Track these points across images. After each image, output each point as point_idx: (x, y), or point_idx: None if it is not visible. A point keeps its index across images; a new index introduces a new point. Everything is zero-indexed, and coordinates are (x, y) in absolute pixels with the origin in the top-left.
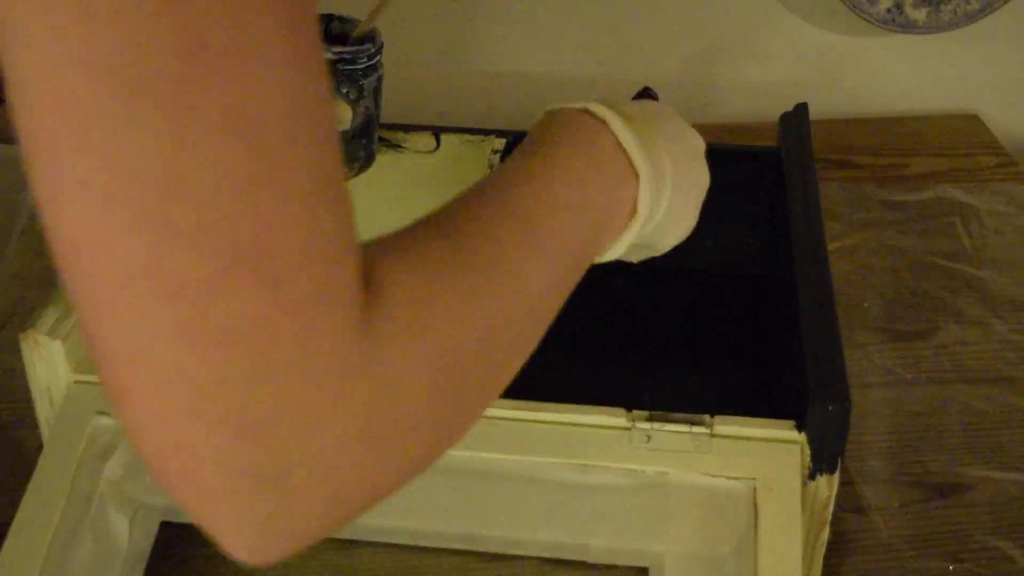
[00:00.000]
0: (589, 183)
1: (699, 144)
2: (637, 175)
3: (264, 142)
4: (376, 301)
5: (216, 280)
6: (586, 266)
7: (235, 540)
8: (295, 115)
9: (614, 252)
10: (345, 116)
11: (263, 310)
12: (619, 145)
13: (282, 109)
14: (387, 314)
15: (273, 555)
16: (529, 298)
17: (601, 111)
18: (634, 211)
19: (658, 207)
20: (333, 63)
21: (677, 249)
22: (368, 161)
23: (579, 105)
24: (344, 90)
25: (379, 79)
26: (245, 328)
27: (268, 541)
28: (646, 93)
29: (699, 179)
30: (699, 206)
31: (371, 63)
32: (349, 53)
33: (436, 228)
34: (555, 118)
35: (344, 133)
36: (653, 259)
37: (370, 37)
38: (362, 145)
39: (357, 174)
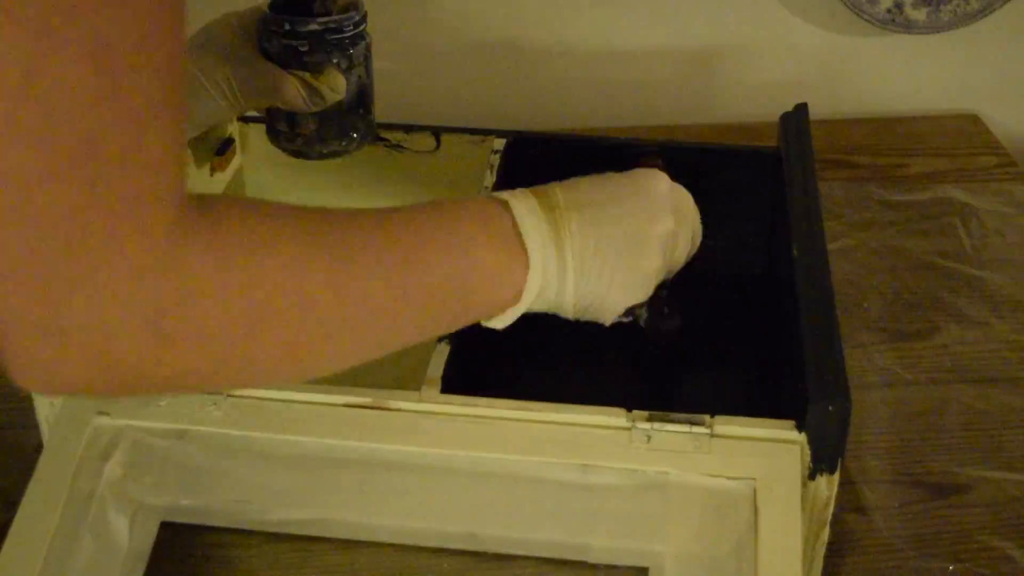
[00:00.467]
0: (466, 250)
1: (648, 229)
2: (528, 267)
3: (112, 65)
4: (205, 225)
5: (44, 173)
6: (452, 321)
7: (23, 373)
8: (143, 45)
9: (497, 323)
10: (340, 85)
11: (79, 202)
12: (517, 232)
13: (133, 40)
14: (208, 237)
15: (52, 392)
16: (356, 312)
17: (515, 201)
18: (517, 298)
19: (563, 298)
20: (320, 34)
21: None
22: (368, 132)
23: (499, 196)
24: (335, 60)
25: (367, 48)
26: (59, 214)
27: (48, 381)
28: (650, 159)
29: (633, 265)
30: (639, 286)
31: (357, 31)
32: (334, 23)
33: (299, 215)
34: (470, 200)
35: (339, 104)
36: None
37: (353, 5)
38: (360, 116)
39: (358, 147)
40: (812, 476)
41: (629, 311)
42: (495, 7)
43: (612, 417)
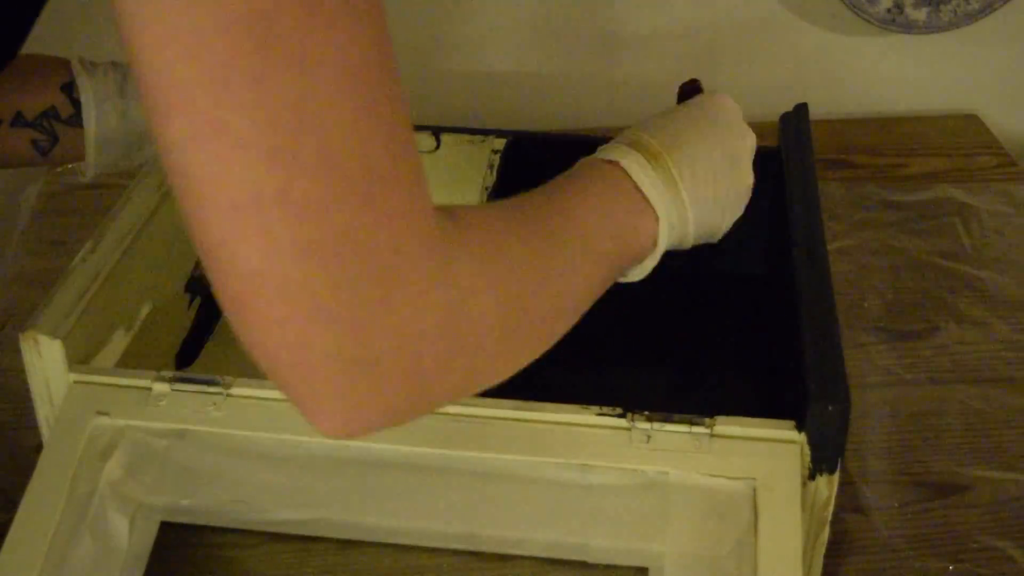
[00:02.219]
0: (610, 213)
1: (740, 146)
2: (657, 217)
3: (367, 85)
4: (456, 230)
5: (332, 201)
6: (610, 279)
7: (332, 416)
8: (383, 60)
9: (636, 275)
10: None
11: (366, 221)
12: (638, 189)
13: (374, 56)
14: (463, 240)
15: (362, 429)
16: (568, 280)
17: (628, 163)
18: (655, 243)
19: (686, 231)
20: None
21: (677, 249)
22: None
23: (606, 156)
24: None
25: None
26: (353, 239)
27: (360, 417)
28: (693, 87)
29: (734, 184)
30: (739, 203)
31: None
32: None
33: (500, 207)
34: (584, 166)
35: None
36: None
37: None
38: None
39: None
40: (812, 476)
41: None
42: (495, 7)
43: (612, 417)
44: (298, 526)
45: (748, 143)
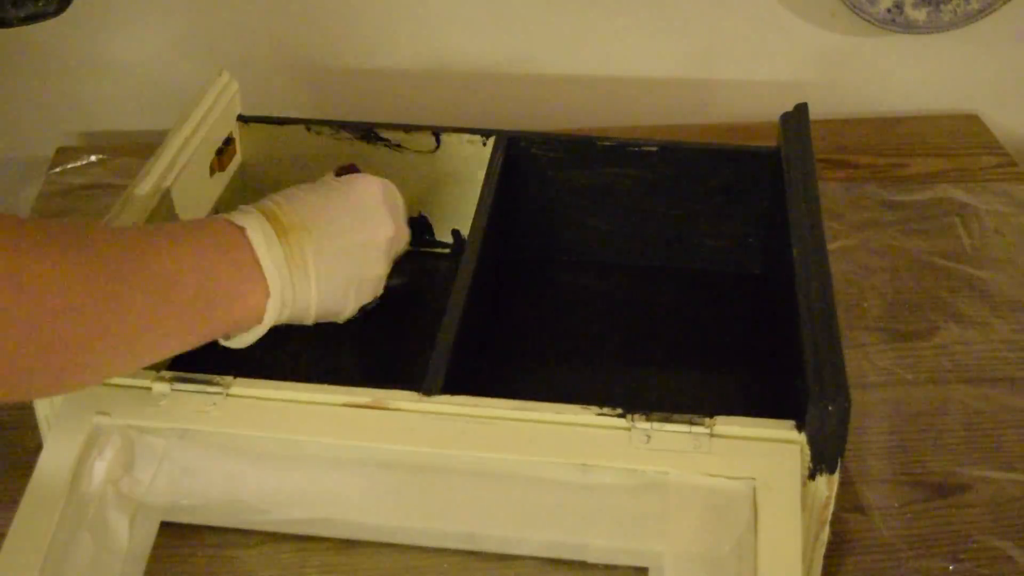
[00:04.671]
0: (212, 274)
1: (375, 234)
2: (269, 292)
3: None
4: None
5: None
6: (203, 335)
7: None
8: None
9: (238, 343)
10: None
11: None
12: (256, 260)
13: None
14: None
15: None
16: (119, 322)
17: (253, 234)
18: (259, 318)
19: (304, 310)
20: None
21: (677, 249)
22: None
23: (235, 220)
24: None
25: None
26: None
27: None
28: (349, 168)
29: (363, 270)
30: (367, 289)
31: None
32: None
33: (70, 224)
34: (207, 222)
35: None
36: (652, 259)
37: None
38: None
39: (58, 9)
40: (812, 476)
41: (361, 309)
42: (495, 7)
43: (612, 417)
44: (298, 526)
45: (384, 232)
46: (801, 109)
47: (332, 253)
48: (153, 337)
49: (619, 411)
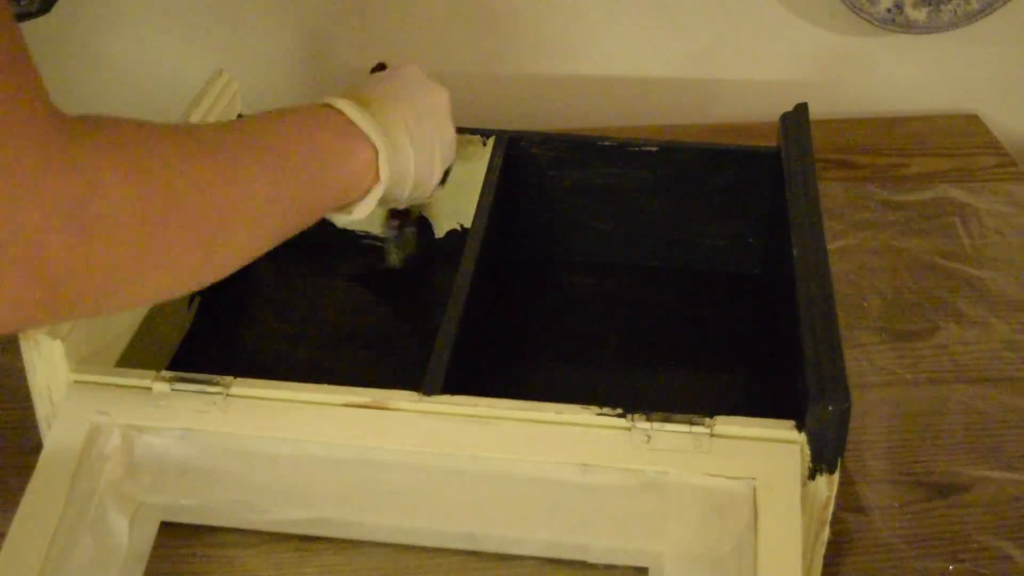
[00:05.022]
0: (313, 138)
1: (434, 101)
2: (375, 149)
3: None
4: (84, 123)
5: None
6: (321, 203)
7: None
8: None
9: (361, 210)
10: None
11: None
12: (352, 123)
13: None
14: (89, 131)
15: (6, 325)
16: (247, 198)
17: (339, 103)
18: (377, 178)
19: (407, 170)
20: None
21: (677, 249)
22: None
23: (321, 101)
24: None
25: None
26: None
27: None
28: (380, 66)
29: (439, 132)
30: (448, 152)
31: None
32: None
33: (161, 125)
34: (300, 109)
35: None
36: (652, 259)
37: None
38: None
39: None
40: (812, 476)
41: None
42: (495, 7)
43: (612, 417)
44: (298, 526)
45: (444, 97)
46: (801, 109)
47: (414, 116)
48: (278, 210)
49: (619, 411)
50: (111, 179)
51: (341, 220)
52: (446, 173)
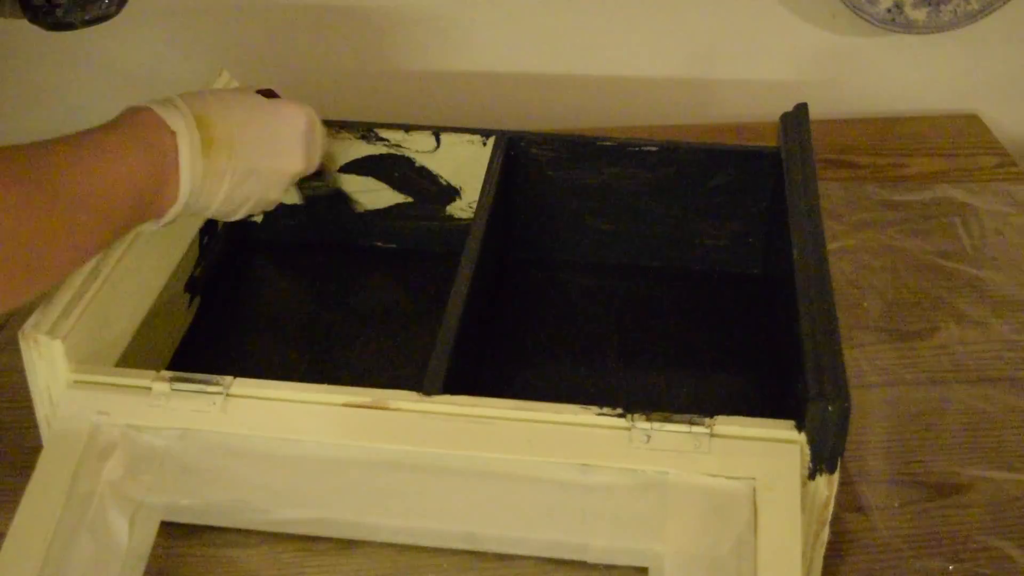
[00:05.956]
0: (135, 165)
1: (286, 168)
2: (173, 132)
3: None
4: None
5: None
6: (125, 225)
7: None
8: None
9: (156, 225)
10: None
11: None
12: (177, 166)
13: None
14: None
15: None
16: (64, 221)
17: (179, 136)
18: (161, 216)
19: (203, 211)
20: None
21: (677, 249)
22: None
23: (168, 118)
24: None
25: None
26: None
27: None
28: (269, 93)
29: (263, 195)
30: (258, 208)
31: None
32: None
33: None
34: (143, 121)
35: None
36: (652, 259)
37: None
38: None
39: (118, 8)
40: (812, 476)
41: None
42: (496, 7)
43: (612, 417)
44: (298, 526)
45: (295, 167)
46: (801, 109)
47: (244, 173)
48: (89, 237)
49: (619, 411)
50: None
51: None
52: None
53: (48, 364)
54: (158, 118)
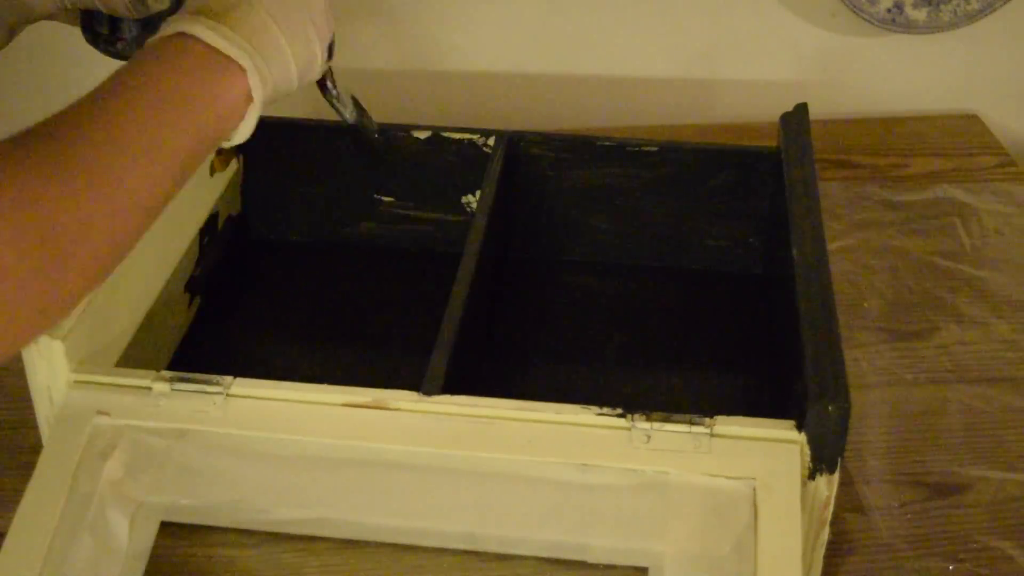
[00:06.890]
0: (184, 88)
1: None
2: (243, 68)
3: None
4: None
5: None
6: (205, 152)
7: None
8: None
9: (242, 134)
10: None
11: None
12: (214, 50)
13: None
14: None
15: None
16: (129, 193)
17: (194, 28)
18: (249, 99)
19: (287, 72)
20: None
21: (678, 249)
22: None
23: (170, 31)
24: None
25: None
26: None
27: None
28: None
29: (309, 11)
30: (320, 36)
31: None
32: None
33: (38, 136)
34: (150, 47)
35: (161, 11)
36: (652, 259)
37: None
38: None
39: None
40: (812, 476)
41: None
42: (495, 7)
43: (612, 417)
44: (298, 526)
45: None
46: (801, 109)
47: (278, 6)
48: (161, 187)
49: (619, 411)
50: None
51: (228, 143)
52: (331, 46)
53: (48, 364)
54: (160, 41)
